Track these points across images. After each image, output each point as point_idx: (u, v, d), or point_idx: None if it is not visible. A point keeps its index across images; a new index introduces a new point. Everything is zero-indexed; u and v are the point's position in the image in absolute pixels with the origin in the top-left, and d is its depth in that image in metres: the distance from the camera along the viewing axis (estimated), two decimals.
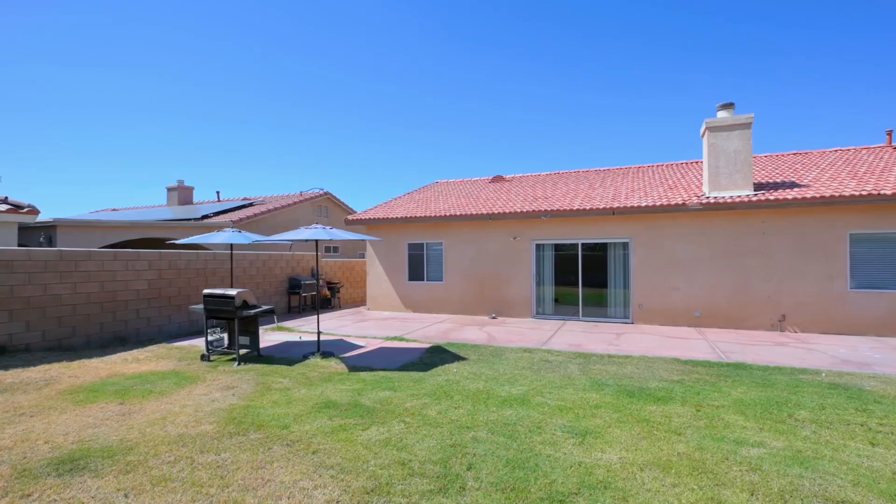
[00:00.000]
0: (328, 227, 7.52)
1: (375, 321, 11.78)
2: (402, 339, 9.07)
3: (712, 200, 10.23)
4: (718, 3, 43.54)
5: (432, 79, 61.52)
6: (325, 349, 7.90)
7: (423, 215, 13.10)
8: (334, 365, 6.86)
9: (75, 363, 6.87)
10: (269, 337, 9.35)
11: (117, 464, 3.58)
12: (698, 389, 5.50)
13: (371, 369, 6.58)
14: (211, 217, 16.24)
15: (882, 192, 8.99)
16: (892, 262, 9.21)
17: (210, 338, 7.46)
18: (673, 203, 10.49)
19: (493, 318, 12.20)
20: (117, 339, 8.59)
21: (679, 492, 3.13)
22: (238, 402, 5.11)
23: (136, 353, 7.78)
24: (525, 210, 11.95)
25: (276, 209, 17.23)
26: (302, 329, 10.34)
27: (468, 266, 12.90)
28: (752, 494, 3.09)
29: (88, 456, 3.71)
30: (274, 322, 11.24)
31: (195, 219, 16.14)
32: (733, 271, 10.28)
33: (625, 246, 11.33)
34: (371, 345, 8.55)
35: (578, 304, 11.74)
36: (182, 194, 21.97)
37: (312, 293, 13.82)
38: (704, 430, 4.23)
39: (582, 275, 11.73)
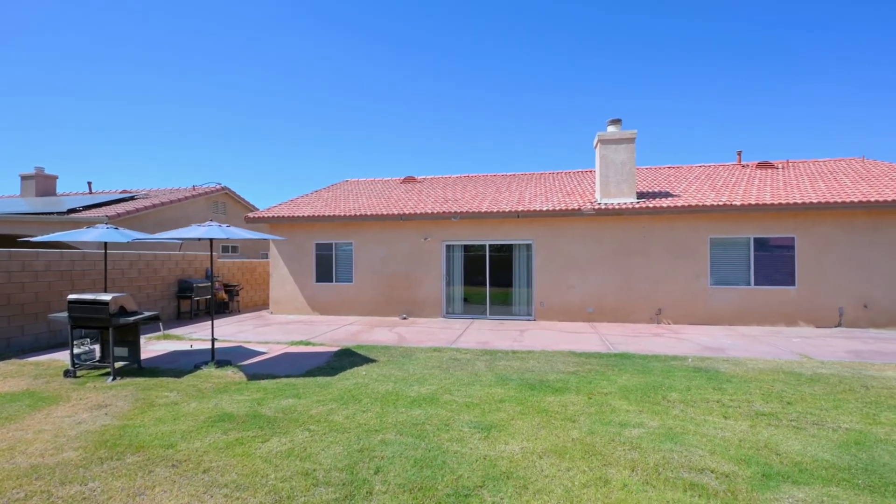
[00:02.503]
0: (225, 225, 6.93)
1: (279, 325, 11.12)
2: (308, 344, 8.68)
3: (603, 206, 11.27)
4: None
5: (337, 77, 59.97)
6: (220, 357, 7.27)
7: (332, 214, 12.67)
8: (231, 374, 6.34)
9: None
10: (154, 347, 8.37)
11: None
12: (590, 379, 6.01)
13: (273, 377, 6.19)
14: (80, 211, 14.10)
15: (733, 202, 10.63)
16: (739, 262, 10.92)
17: (77, 350, 6.47)
18: (570, 208, 11.37)
19: (404, 318, 12.19)
20: None
21: (573, 474, 3.38)
22: (112, 421, 4.49)
23: None
24: (436, 211, 12.12)
25: (163, 204, 15.48)
26: (193, 336, 9.41)
27: (379, 266, 12.74)
28: (633, 470, 3.45)
29: None
30: (160, 330, 10.09)
31: (59, 213, 13.91)
32: (620, 271, 11.42)
33: (528, 247, 12.01)
34: (274, 350, 8.06)
35: (486, 303, 12.20)
36: (42, 184, 18.77)
37: (207, 297, 12.65)
38: (595, 415, 4.63)
39: (489, 275, 12.21)
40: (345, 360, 7.21)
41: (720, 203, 10.70)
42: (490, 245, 12.22)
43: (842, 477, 3.35)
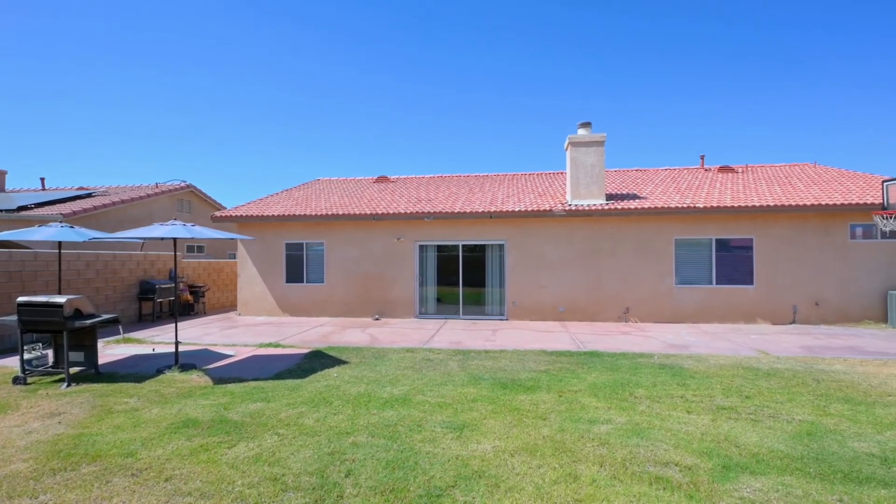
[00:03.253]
0: (190, 224, 6.69)
1: (247, 327, 10.84)
2: (277, 346, 8.49)
3: (574, 207, 11.50)
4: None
5: (309, 76, 59.03)
6: (185, 361, 7.02)
7: (303, 213, 12.44)
8: (196, 378, 6.13)
9: None
10: (113, 351, 8.01)
11: None
12: (561, 377, 6.12)
13: (241, 380, 6.03)
14: (32, 209, 13.35)
15: (696, 205, 11.04)
16: (702, 262, 11.35)
17: (27, 356, 6.12)
18: (542, 209, 11.55)
19: (377, 319, 12.09)
20: None
21: (543, 472, 3.43)
22: (66, 430, 4.27)
23: None
24: (409, 211, 12.08)
25: (123, 202, 14.83)
26: (156, 340, 9.06)
27: (351, 267, 12.59)
28: (601, 466, 3.52)
29: None
30: (120, 334, 9.65)
31: (8, 210, 13.14)
32: (590, 271, 11.67)
33: (501, 248, 12.12)
34: (242, 353, 7.84)
35: (459, 303, 12.23)
36: None
37: (170, 298, 12.19)
38: (565, 413, 4.72)
39: (462, 275, 12.25)
40: (316, 362, 7.09)
41: (684, 205, 11.09)
42: (463, 245, 12.27)
43: (795, 466, 3.52)
